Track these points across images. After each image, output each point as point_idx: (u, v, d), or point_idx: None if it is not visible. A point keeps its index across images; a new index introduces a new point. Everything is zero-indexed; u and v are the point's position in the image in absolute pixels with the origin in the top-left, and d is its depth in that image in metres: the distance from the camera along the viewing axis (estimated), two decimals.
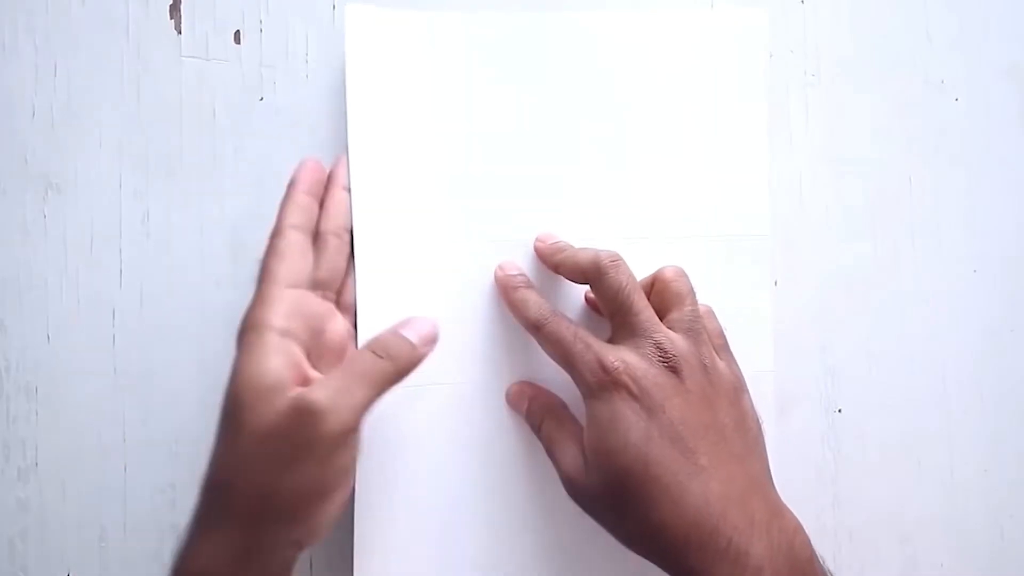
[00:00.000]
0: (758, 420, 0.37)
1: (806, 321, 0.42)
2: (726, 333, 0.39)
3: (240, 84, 0.43)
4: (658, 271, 0.38)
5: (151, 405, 0.43)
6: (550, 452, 0.38)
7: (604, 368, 0.35)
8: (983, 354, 0.43)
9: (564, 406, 0.40)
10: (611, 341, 0.37)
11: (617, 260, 0.37)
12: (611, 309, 0.37)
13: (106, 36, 0.43)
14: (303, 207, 0.39)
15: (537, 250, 0.40)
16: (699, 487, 0.33)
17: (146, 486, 0.43)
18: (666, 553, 0.34)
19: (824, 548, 0.37)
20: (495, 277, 0.40)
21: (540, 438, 0.39)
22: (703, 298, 0.38)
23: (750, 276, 0.41)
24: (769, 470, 0.36)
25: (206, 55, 0.43)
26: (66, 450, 0.43)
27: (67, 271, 0.43)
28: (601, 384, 0.35)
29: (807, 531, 0.34)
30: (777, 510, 0.35)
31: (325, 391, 0.34)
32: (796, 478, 0.42)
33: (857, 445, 0.43)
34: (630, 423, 0.34)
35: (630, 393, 0.34)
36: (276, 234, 0.38)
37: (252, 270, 0.42)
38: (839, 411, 0.43)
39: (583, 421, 0.37)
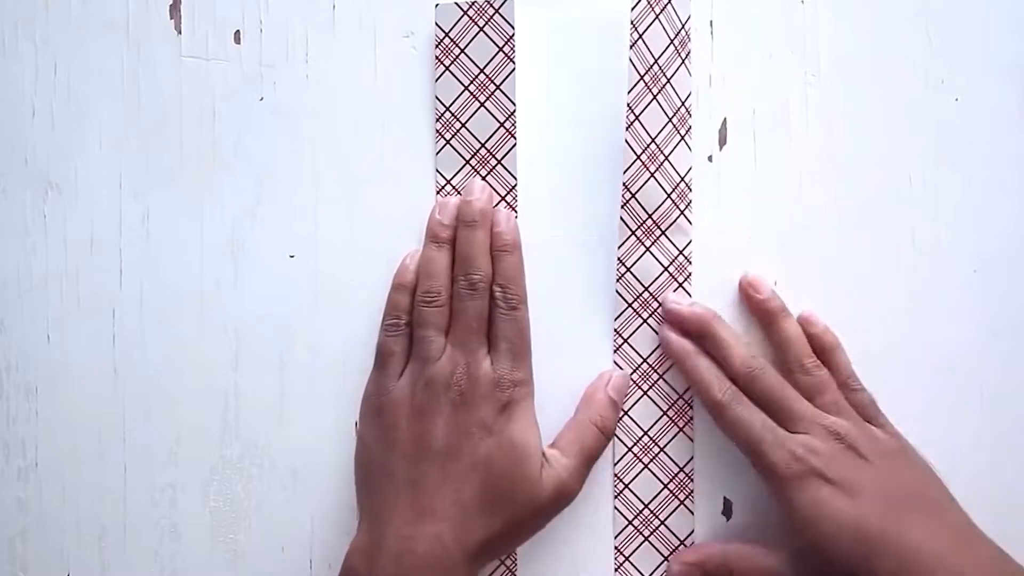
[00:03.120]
0: (935, 474, 0.39)
1: None
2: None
3: (240, 84, 0.43)
4: (796, 359, 0.40)
5: (151, 405, 0.43)
6: None
7: (795, 458, 0.37)
8: (983, 354, 0.43)
9: (729, 557, 0.40)
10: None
11: (762, 367, 0.39)
12: (767, 406, 0.39)
13: (106, 36, 0.43)
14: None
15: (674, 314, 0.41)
16: (915, 550, 0.35)
17: (146, 486, 0.43)
18: None
19: None
20: (668, 343, 0.41)
21: None
22: None
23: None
24: (969, 518, 0.38)
25: (206, 55, 0.43)
26: (66, 450, 0.43)
27: (67, 271, 0.43)
28: (796, 474, 0.37)
29: None
30: (1000, 556, 0.36)
31: (573, 475, 0.39)
32: None
33: None
34: (837, 507, 0.36)
35: (825, 479, 0.37)
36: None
37: (252, 270, 0.42)
38: None
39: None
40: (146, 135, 0.43)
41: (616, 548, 0.41)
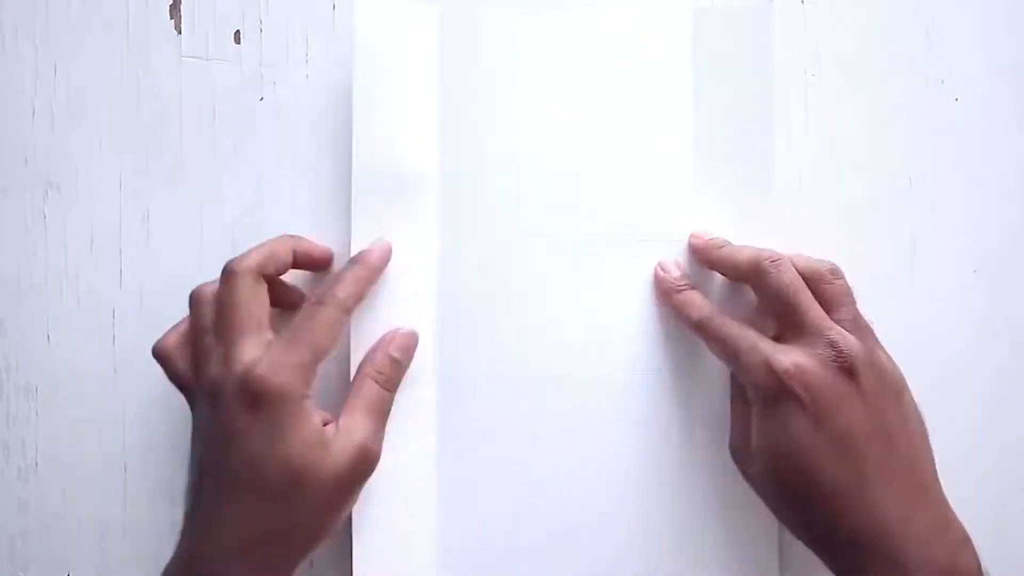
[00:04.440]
0: (922, 419, 0.36)
1: None
2: None
3: (240, 84, 0.43)
4: (814, 269, 0.37)
5: (151, 405, 0.43)
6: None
7: (772, 371, 0.34)
8: (983, 354, 0.43)
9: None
10: (778, 339, 0.36)
11: (778, 259, 0.37)
12: (776, 308, 0.37)
13: (106, 36, 0.43)
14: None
15: (693, 246, 0.40)
16: (862, 499, 0.33)
17: (146, 486, 0.43)
18: (822, 549, 0.35)
19: None
20: (655, 276, 0.40)
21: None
22: None
23: None
24: (935, 472, 0.36)
25: (206, 55, 0.43)
26: (66, 450, 0.43)
27: (67, 271, 0.43)
28: (771, 389, 0.35)
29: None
30: (943, 520, 0.34)
31: (370, 435, 0.37)
32: None
33: None
34: (799, 433, 0.34)
35: (800, 403, 0.34)
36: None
37: None
38: None
39: None
40: (146, 135, 0.43)
41: None
